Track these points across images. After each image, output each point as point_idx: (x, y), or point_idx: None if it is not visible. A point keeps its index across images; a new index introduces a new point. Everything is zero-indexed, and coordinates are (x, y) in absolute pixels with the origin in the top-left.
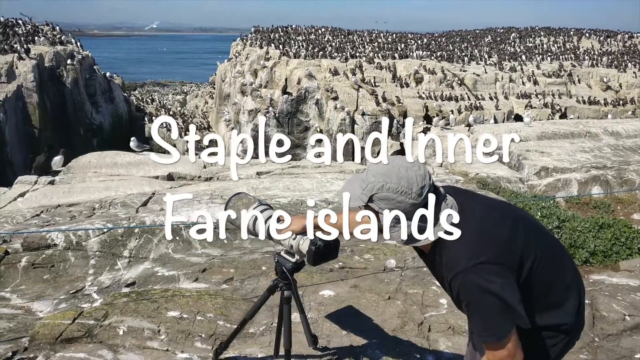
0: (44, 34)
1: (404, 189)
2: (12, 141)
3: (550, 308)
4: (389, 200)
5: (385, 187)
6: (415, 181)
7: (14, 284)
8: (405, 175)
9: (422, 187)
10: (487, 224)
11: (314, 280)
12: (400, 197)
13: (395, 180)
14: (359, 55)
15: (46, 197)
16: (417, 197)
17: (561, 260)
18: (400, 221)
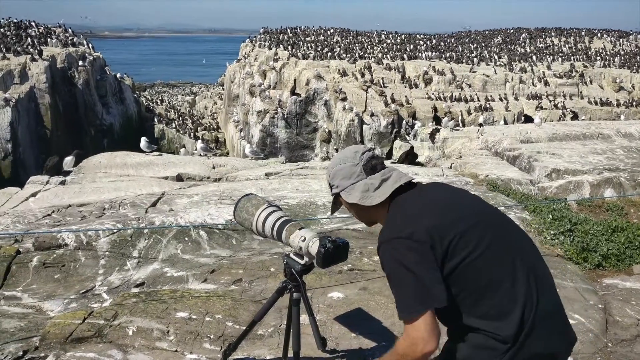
0: (56, 35)
1: (342, 159)
2: (24, 142)
3: (487, 311)
4: (337, 174)
5: (330, 167)
6: (349, 151)
7: (25, 284)
8: (341, 152)
9: (356, 152)
10: (428, 207)
11: (322, 282)
12: (342, 165)
13: (335, 160)
14: (367, 56)
15: (57, 197)
16: (353, 159)
17: (521, 267)
18: (351, 189)
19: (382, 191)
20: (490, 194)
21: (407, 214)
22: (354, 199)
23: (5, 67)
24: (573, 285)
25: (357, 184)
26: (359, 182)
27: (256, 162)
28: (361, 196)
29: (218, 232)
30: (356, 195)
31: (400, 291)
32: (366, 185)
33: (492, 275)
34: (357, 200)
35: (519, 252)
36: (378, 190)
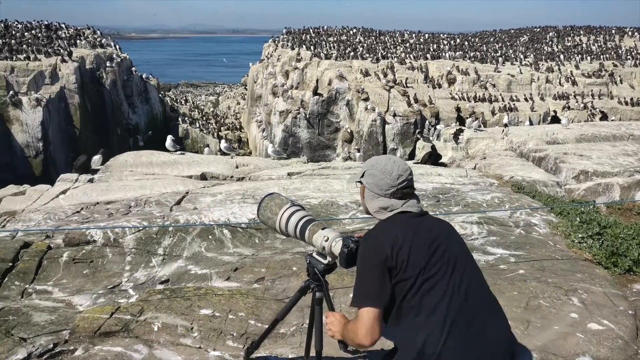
0: (85, 37)
1: (386, 170)
2: (55, 140)
3: (419, 322)
4: (374, 176)
5: (375, 166)
6: (397, 169)
7: (56, 278)
8: (391, 163)
9: (400, 175)
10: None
11: (344, 282)
12: (382, 175)
13: (383, 163)
14: (390, 56)
15: (86, 195)
16: (392, 179)
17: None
18: (375, 196)
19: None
20: (515, 196)
21: (387, 229)
22: (371, 206)
23: (37, 68)
24: (602, 290)
25: (381, 198)
26: (384, 199)
27: (278, 162)
28: (377, 210)
29: (241, 231)
30: (375, 205)
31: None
32: (387, 205)
33: (423, 299)
34: (372, 210)
35: (458, 290)
36: (390, 214)
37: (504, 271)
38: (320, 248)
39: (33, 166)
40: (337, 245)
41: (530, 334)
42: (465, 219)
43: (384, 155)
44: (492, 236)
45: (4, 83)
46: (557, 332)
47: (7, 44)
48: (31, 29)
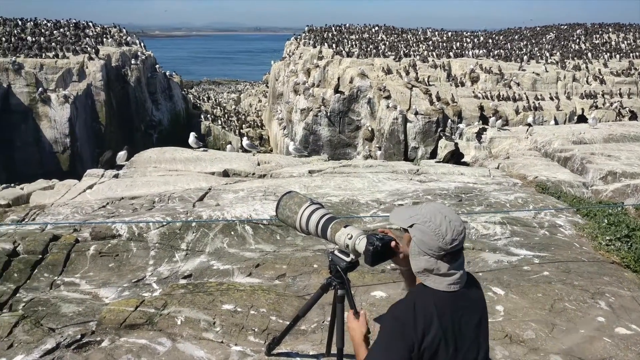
0: (112, 35)
1: (440, 233)
2: (81, 136)
3: None
4: (425, 233)
5: (427, 223)
6: (452, 231)
7: (83, 271)
8: (445, 223)
9: (454, 240)
10: (442, 318)
11: (365, 280)
12: (435, 236)
13: (438, 222)
14: (412, 54)
15: (111, 190)
16: (446, 244)
17: None
18: (421, 253)
19: (435, 282)
20: (539, 196)
21: (423, 310)
22: (415, 263)
23: (65, 65)
24: (630, 294)
25: (428, 258)
26: (431, 259)
27: (299, 160)
28: (422, 270)
29: (263, 227)
30: (420, 264)
31: (374, 349)
32: (433, 267)
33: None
34: (415, 268)
35: None
36: (435, 277)
37: (528, 272)
38: (343, 246)
39: (60, 161)
40: (361, 243)
41: (556, 337)
42: (488, 219)
43: (438, 208)
44: (516, 237)
45: (34, 80)
46: (583, 335)
47: (37, 42)
48: (60, 27)
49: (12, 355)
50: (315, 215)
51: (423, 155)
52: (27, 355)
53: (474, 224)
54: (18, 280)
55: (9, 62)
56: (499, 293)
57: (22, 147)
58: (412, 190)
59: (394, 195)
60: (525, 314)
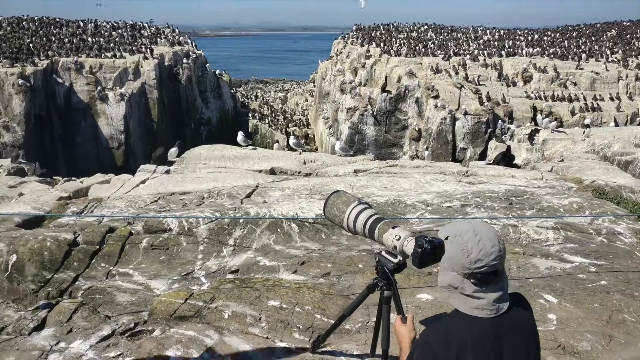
0: (165, 35)
1: (466, 249)
2: (135, 133)
3: None
4: (452, 248)
5: (456, 237)
6: (478, 250)
7: (136, 262)
8: (474, 240)
9: (479, 260)
10: (476, 350)
11: (411, 282)
12: (459, 252)
13: (466, 238)
14: (462, 52)
15: (163, 185)
16: (470, 263)
17: None
18: (449, 268)
19: (459, 302)
20: (596, 202)
21: (456, 334)
22: (441, 277)
23: (122, 65)
24: None
25: (454, 274)
26: (457, 276)
27: (345, 159)
28: (446, 285)
29: (308, 226)
30: (445, 279)
31: None
32: (457, 284)
33: None
34: (440, 283)
35: None
36: (460, 296)
37: (583, 281)
38: (390, 247)
39: (115, 156)
40: (410, 244)
41: (613, 350)
42: (540, 223)
43: (474, 225)
44: (570, 243)
45: (93, 79)
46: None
47: (97, 43)
48: (118, 29)
49: (71, 340)
50: (363, 215)
51: (472, 156)
52: (85, 340)
53: (525, 228)
54: (77, 268)
55: (71, 62)
56: (552, 301)
57: (82, 142)
58: (460, 192)
59: (442, 197)
60: (580, 324)
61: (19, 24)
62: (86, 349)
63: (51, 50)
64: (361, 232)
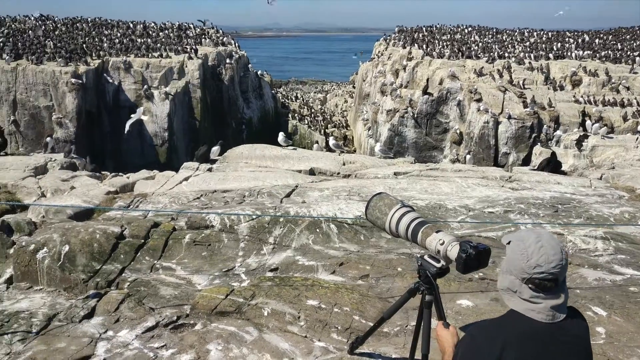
0: (209, 36)
1: (526, 254)
2: (178, 131)
3: None
4: (513, 252)
5: (518, 241)
6: (538, 256)
7: (179, 257)
8: (536, 247)
9: (539, 265)
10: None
11: (451, 288)
12: (519, 256)
13: (528, 243)
14: (508, 55)
15: (205, 183)
16: (529, 268)
17: None
18: (508, 272)
19: (518, 305)
20: None
21: (504, 333)
22: (501, 279)
23: (168, 64)
24: None
25: (513, 278)
26: (515, 280)
27: (384, 161)
28: (504, 289)
29: (347, 227)
30: (504, 281)
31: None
32: (515, 288)
33: None
34: (498, 286)
35: None
36: (518, 300)
37: (635, 294)
38: (434, 251)
39: (159, 153)
40: (454, 249)
41: None
42: (588, 232)
43: (539, 232)
44: (621, 254)
45: (140, 78)
46: None
47: (145, 43)
48: (165, 29)
49: (118, 329)
50: (405, 218)
51: (514, 161)
52: (131, 330)
53: (572, 237)
54: (124, 261)
55: (120, 62)
56: (600, 314)
57: (128, 139)
58: (503, 197)
59: (484, 202)
60: (630, 338)
61: (74, 25)
62: (132, 338)
63: (102, 50)
64: (403, 235)
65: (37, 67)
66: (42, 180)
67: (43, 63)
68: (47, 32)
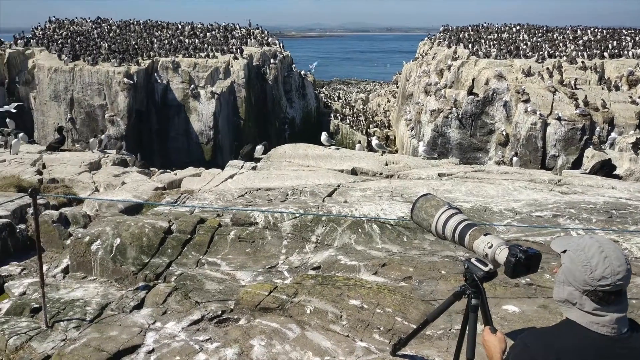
0: (254, 36)
1: (589, 265)
2: (222, 129)
3: None
4: (573, 262)
5: (578, 251)
6: (603, 268)
7: (224, 253)
8: (600, 257)
9: (603, 277)
10: None
11: (496, 292)
12: (581, 268)
13: (591, 253)
14: (559, 54)
15: (249, 180)
16: (593, 280)
17: None
18: (566, 283)
19: (578, 316)
20: None
21: (559, 345)
22: (557, 290)
23: (214, 64)
24: None
25: (573, 289)
26: (575, 291)
27: (428, 162)
28: (562, 301)
29: (390, 228)
30: (562, 293)
31: None
32: (576, 301)
33: None
34: (556, 296)
35: None
36: (578, 311)
37: None
38: (481, 254)
39: (204, 151)
40: (502, 253)
41: None
42: None
43: (600, 242)
44: None
45: (188, 77)
46: None
47: (192, 43)
48: (212, 30)
49: (165, 321)
50: (452, 220)
51: (564, 164)
52: (177, 323)
53: (627, 245)
54: (171, 255)
55: (169, 62)
56: None
57: (175, 137)
58: (552, 201)
59: (532, 205)
60: None
61: (127, 27)
62: (179, 330)
63: (152, 51)
64: (450, 237)
65: (92, 68)
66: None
67: (98, 63)
68: (103, 34)
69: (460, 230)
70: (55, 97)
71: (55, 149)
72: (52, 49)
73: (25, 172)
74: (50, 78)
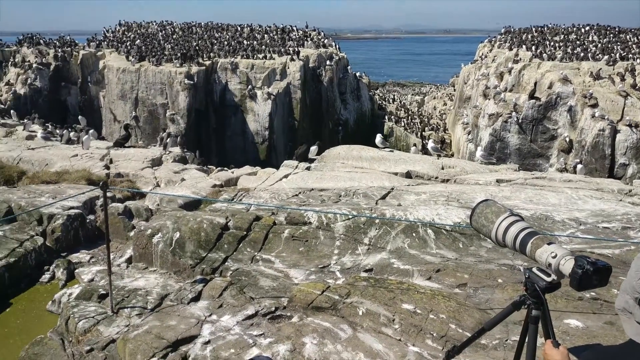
0: (311, 38)
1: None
2: (278, 130)
3: None
4: (631, 268)
5: (637, 259)
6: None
7: (278, 251)
8: None
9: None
10: None
11: (557, 305)
12: (633, 274)
13: None
14: (632, 56)
15: (303, 180)
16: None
17: None
18: (626, 291)
19: (631, 329)
20: None
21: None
22: (617, 300)
23: (271, 65)
24: None
25: (627, 297)
26: (630, 300)
27: (486, 167)
28: (620, 309)
29: (445, 233)
30: (619, 301)
31: None
32: (631, 310)
33: None
34: (616, 305)
35: None
36: (633, 323)
37: None
38: (544, 264)
39: (259, 151)
40: (568, 264)
41: None
42: None
43: None
44: None
45: (245, 78)
46: None
47: (251, 45)
48: (269, 32)
49: (221, 314)
50: (514, 228)
51: (634, 173)
52: (233, 316)
53: None
54: (227, 250)
55: (228, 63)
56: None
57: (231, 136)
58: (621, 212)
59: (598, 216)
60: None
61: (189, 29)
62: (233, 324)
63: (212, 52)
64: (511, 245)
65: (156, 68)
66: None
67: (161, 64)
68: (167, 36)
69: (521, 238)
70: (122, 95)
71: (121, 145)
72: (121, 50)
73: (94, 166)
74: (119, 78)
